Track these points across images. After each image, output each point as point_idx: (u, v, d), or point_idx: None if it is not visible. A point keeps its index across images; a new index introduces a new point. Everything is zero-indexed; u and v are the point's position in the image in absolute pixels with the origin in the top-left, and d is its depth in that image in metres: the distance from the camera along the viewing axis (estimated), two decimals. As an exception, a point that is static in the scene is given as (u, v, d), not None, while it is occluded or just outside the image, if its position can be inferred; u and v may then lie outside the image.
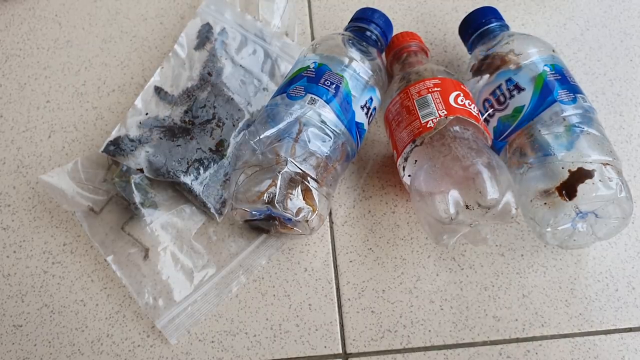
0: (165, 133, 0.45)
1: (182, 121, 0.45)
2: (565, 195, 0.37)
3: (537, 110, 0.40)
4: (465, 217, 0.36)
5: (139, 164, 0.43)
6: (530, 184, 0.39)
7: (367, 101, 0.42)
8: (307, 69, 0.41)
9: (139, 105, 0.47)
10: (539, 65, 0.42)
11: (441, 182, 0.37)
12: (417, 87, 0.41)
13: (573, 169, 0.37)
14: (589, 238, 0.40)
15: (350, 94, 0.41)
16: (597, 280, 0.42)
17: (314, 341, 0.40)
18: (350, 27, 0.46)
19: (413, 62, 0.45)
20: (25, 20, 0.55)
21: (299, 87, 0.40)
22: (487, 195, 0.35)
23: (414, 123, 0.40)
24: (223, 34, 0.50)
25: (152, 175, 0.43)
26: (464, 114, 0.39)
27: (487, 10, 0.47)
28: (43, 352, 0.40)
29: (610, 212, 0.37)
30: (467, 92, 0.42)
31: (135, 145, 0.44)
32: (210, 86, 0.47)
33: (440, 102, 0.40)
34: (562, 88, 0.40)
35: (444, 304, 0.41)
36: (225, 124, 0.45)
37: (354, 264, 0.43)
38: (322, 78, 0.41)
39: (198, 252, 0.43)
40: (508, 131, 0.42)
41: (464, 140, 0.38)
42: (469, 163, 0.36)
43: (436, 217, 0.37)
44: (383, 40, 0.45)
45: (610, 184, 0.36)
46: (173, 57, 0.50)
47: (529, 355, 0.39)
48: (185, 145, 0.44)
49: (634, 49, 0.53)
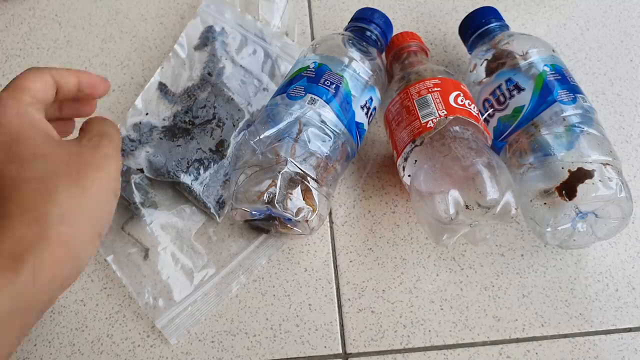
0: (166, 133, 0.45)
1: (182, 121, 0.45)
2: (565, 195, 0.37)
3: (537, 110, 0.40)
4: (465, 217, 0.36)
5: (139, 164, 0.43)
6: (530, 184, 0.39)
7: (367, 101, 0.42)
8: (307, 69, 0.41)
9: (139, 106, 0.47)
10: (539, 65, 0.41)
11: (441, 182, 0.37)
12: (417, 87, 0.41)
13: (573, 169, 0.37)
14: (589, 238, 0.40)
15: (350, 94, 0.41)
16: (597, 280, 0.42)
17: (314, 341, 0.40)
18: (350, 27, 0.46)
19: (413, 62, 0.45)
20: (25, 20, 0.55)
21: (299, 87, 0.40)
22: (487, 195, 0.35)
23: (413, 123, 0.40)
24: (223, 34, 0.50)
25: (152, 175, 0.43)
26: (464, 114, 0.39)
27: (487, 10, 0.47)
28: (43, 352, 0.40)
29: (610, 212, 0.37)
30: (467, 92, 0.42)
31: (136, 145, 0.44)
32: (210, 86, 0.47)
33: (440, 102, 0.40)
34: (562, 88, 0.40)
35: (444, 304, 0.41)
36: (225, 124, 0.45)
37: (354, 264, 0.43)
38: (322, 78, 0.41)
39: (198, 252, 0.43)
40: (508, 131, 0.42)
41: (464, 140, 0.38)
42: (469, 163, 0.36)
43: (436, 217, 0.37)
44: (383, 40, 0.45)
45: (610, 184, 0.36)
46: (173, 57, 0.50)
47: (529, 355, 0.39)
48: (186, 146, 0.44)
49: (634, 49, 0.53)
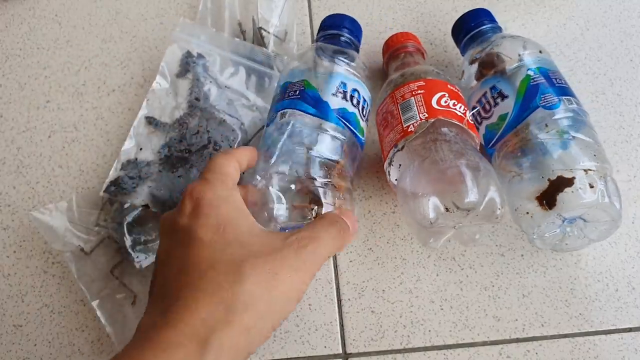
0: (164, 165, 0.44)
1: (178, 150, 0.44)
2: (545, 205, 0.36)
3: (521, 117, 0.39)
4: (446, 220, 0.35)
5: (144, 200, 0.42)
6: (515, 192, 0.39)
7: (342, 89, 0.41)
8: (276, 95, 0.42)
9: (131, 142, 0.46)
10: (523, 70, 0.41)
11: (421, 185, 0.36)
12: (402, 91, 0.41)
13: (553, 177, 0.36)
14: (582, 241, 0.39)
15: (315, 90, 0.40)
16: (597, 280, 0.42)
17: (314, 341, 0.40)
18: (321, 36, 0.46)
19: (409, 63, 0.45)
20: (25, 20, 0.55)
21: (271, 112, 0.41)
22: (465, 197, 0.34)
23: (397, 127, 0.40)
24: (202, 58, 0.49)
25: (158, 210, 0.42)
26: (446, 115, 0.39)
27: (479, 12, 0.46)
28: (43, 352, 0.40)
29: (597, 216, 0.37)
30: (455, 91, 0.41)
31: (136, 182, 0.43)
32: (200, 111, 0.46)
33: (422, 105, 0.39)
34: (546, 92, 0.39)
35: (444, 304, 0.41)
36: (221, 147, 0.44)
37: (354, 264, 0.43)
38: (287, 92, 0.40)
39: None
40: (495, 139, 0.41)
41: (446, 143, 0.38)
42: (447, 165, 0.36)
43: (418, 221, 0.36)
44: (355, 40, 0.46)
45: (590, 191, 0.35)
46: (157, 88, 0.48)
47: (529, 355, 0.39)
48: (187, 175, 0.43)
49: (634, 49, 0.53)
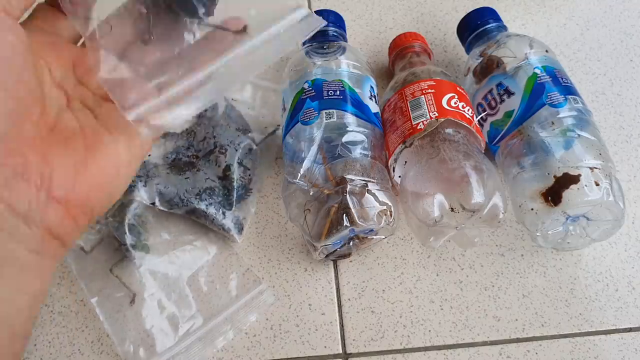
0: (172, 168, 0.44)
1: (186, 156, 0.45)
2: (551, 201, 0.36)
3: (527, 114, 0.40)
4: (450, 220, 0.36)
5: (151, 198, 0.42)
6: (519, 189, 0.39)
7: (370, 91, 0.42)
8: (304, 91, 0.41)
9: None
10: (530, 68, 0.41)
11: (428, 184, 0.36)
12: (412, 89, 0.41)
13: (558, 174, 0.36)
14: (584, 240, 0.39)
15: (354, 92, 0.41)
16: (597, 280, 0.42)
17: (314, 341, 0.40)
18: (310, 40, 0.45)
19: (415, 63, 0.45)
20: (25, 20, 0.54)
21: (308, 110, 0.40)
22: (472, 198, 0.35)
23: (405, 124, 0.40)
24: None
25: (165, 207, 0.42)
26: (456, 116, 0.39)
27: (485, 11, 0.46)
28: (43, 352, 0.40)
29: (601, 214, 0.37)
30: (463, 94, 0.42)
31: (145, 180, 0.43)
32: (207, 120, 0.47)
33: (432, 104, 0.39)
34: (553, 90, 0.40)
35: (444, 304, 0.41)
36: (228, 150, 0.44)
37: (354, 264, 0.43)
38: (324, 91, 0.40)
39: (186, 301, 0.41)
40: (499, 136, 0.41)
41: (454, 143, 0.38)
42: (456, 166, 0.36)
43: (421, 219, 0.36)
44: (342, 32, 0.46)
45: (596, 189, 0.36)
46: None
47: (529, 355, 0.39)
48: (194, 177, 0.43)
49: (634, 49, 0.53)
